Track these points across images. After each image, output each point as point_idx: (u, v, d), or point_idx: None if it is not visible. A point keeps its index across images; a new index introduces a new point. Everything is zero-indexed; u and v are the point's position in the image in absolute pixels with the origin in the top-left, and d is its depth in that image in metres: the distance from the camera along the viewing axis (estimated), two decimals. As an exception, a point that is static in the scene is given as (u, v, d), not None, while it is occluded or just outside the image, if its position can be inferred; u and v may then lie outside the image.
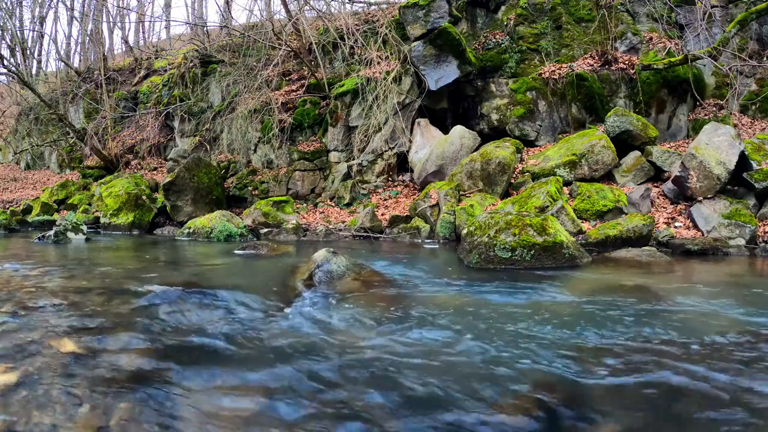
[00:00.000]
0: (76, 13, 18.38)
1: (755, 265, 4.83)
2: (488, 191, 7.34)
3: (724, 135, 6.43)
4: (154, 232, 8.48)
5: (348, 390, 1.83)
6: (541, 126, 8.81)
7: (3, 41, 15.28)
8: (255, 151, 10.47)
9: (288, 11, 11.43)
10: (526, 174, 7.57)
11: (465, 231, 4.91)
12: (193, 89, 12.27)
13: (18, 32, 16.21)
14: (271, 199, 8.67)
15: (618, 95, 8.52)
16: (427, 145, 8.64)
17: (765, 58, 8.48)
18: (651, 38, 9.02)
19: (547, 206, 6.10)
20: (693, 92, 7.96)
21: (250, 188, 9.78)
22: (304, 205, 9.16)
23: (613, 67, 8.62)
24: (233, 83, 11.31)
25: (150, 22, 19.90)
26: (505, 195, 7.38)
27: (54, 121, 14.55)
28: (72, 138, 14.00)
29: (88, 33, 17.08)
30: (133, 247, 6.41)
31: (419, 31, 8.76)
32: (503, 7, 9.78)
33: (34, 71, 18.95)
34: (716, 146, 6.36)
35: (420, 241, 6.79)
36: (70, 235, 6.66)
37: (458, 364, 2.09)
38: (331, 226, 7.80)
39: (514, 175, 7.73)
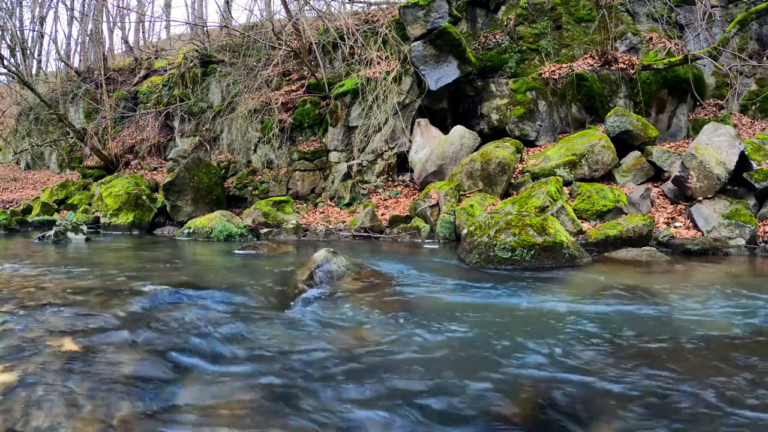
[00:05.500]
0: (76, 13, 18.39)
1: (755, 265, 4.83)
2: (488, 191, 7.34)
3: (724, 135, 6.43)
4: (154, 232, 8.48)
5: (347, 389, 1.83)
6: (541, 126, 8.81)
7: (3, 41, 15.29)
8: (255, 151, 10.47)
9: (288, 11, 11.43)
10: (526, 174, 7.57)
11: (465, 231, 4.91)
12: (193, 89, 12.27)
13: (18, 32, 16.20)
14: (271, 199, 8.67)
15: (618, 95, 8.52)
16: (427, 145, 8.64)
17: (765, 58, 8.47)
18: (651, 38, 9.02)
19: (547, 206, 6.10)
20: (693, 92, 7.96)
21: (250, 188, 9.78)
22: (304, 205, 9.16)
23: (613, 67, 8.61)
24: (233, 83, 11.31)
25: (150, 22, 19.92)
26: (505, 195, 7.38)
27: (54, 121, 14.55)
28: (72, 138, 14.00)
29: (88, 33, 17.09)
30: (133, 247, 6.40)
31: (419, 31, 8.76)
32: (503, 7, 9.78)
33: (34, 71, 18.94)
34: (716, 146, 6.35)
35: (420, 241, 6.79)
36: (70, 235, 6.66)
37: (458, 364, 2.09)
38: (331, 226, 7.80)
39: (514, 175, 7.72)
